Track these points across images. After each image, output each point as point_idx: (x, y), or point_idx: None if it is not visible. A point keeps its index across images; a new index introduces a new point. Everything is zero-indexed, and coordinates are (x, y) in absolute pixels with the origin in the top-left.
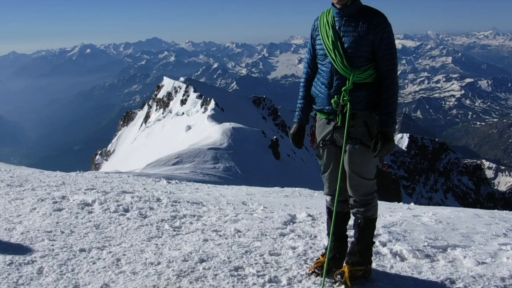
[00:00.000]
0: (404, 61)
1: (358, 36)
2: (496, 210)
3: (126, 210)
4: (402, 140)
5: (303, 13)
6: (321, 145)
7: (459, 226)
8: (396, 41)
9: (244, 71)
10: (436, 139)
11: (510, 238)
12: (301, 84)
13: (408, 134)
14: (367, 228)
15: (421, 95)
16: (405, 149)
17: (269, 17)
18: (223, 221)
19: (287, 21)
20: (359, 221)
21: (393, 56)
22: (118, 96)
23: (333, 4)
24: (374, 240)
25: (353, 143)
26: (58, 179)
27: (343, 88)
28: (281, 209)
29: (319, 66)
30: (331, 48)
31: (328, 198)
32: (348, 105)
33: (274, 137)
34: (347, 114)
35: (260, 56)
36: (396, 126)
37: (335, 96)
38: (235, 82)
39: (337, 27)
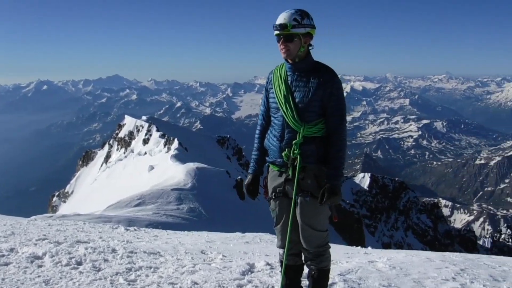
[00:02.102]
0: (364, 103)
1: (308, 91)
2: (447, 253)
3: (79, 263)
4: (364, 179)
5: (267, 54)
6: (273, 197)
7: (412, 271)
8: (357, 83)
9: (208, 111)
10: (396, 179)
11: (458, 282)
12: (256, 135)
13: (369, 174)
14: (320, 279)
15: (381, 135)
16: (367, 188)
17: (233, 57)
18: (180, 272)
19: (251, 61)
20: (313, 272)
21: (342, 112)
22: (77, 135)
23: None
24: None
25: (304, 195)
26: (8, 228)
27: (293, 142)
28: (240, 257)
29: (272, 119)
30: (283, 101)
31: (281, 251)
32: (298, 158)
33: (239, 177)
34: (297, 167)
35: (224, 96)
36: (358, 166)
37: (286, 149)
38: (198, 122)
39: (289, 81)
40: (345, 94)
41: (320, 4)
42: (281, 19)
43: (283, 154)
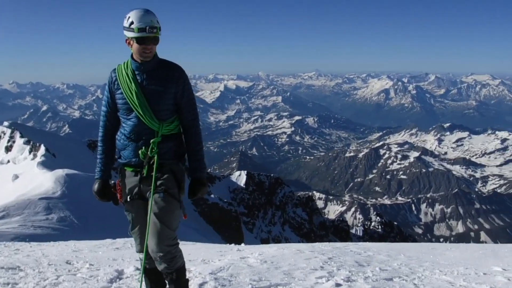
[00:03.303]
0: (238, 101)
1: (162, 90)
2: (316, 243)
3: None
4: (240, 177)
5: None
6: (129, 199)
7: (282, 264)
8: (230, 82)
9: (77, 114)
10: (272, 175)
11: (326, 271)
12: (100, 138)
13: (245, 171)
14: (179, 278)
15: (255, 133)
16: (244, 186)
17: (101, 56)
18: (42, 286)
19: (119, 60)
20: (170, 276)
21: (195, 106)
22: None
23: (132, 57)
24: None
25: (159, 191)
26: None
27: (152, 141)
28: (108, 265)
29: (122, 120)
30: (137, 103)
31: (142, 255)
32: (156, 156)
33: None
34: (155, 166)
35: (94, 98)
36: (234, 164)
37: (143, 147)
38: (67, 125)
39: (139, 81)
40: (219, 93)
41: (188, 2)
42: (148, 21)
43: (140, 152)
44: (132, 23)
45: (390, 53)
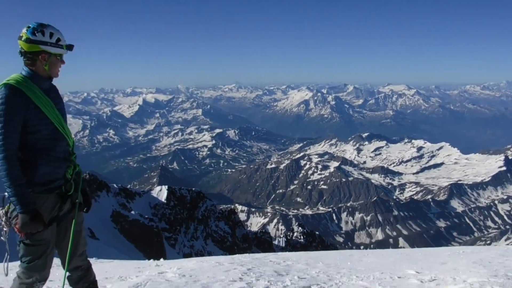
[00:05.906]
0: (158, 115)
1: (64, 108)
2: (236, 255)
3: None
4: (161, 192)
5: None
6: (48, 225)
7: (201, 277)
8: (149, 95)
9: None
10: (193, 189)
11: (245, 282)
12: (14, 167)
13: (166, 186)
14: None
15: (176, 147)
16: (165, 201)
17: None
18: None
19: None
20: None
21: None
22: None
23: (38, 74)
24: None
25: (81, 207)
26: None
27: (73, 157)
28: None
29: (42, 142)
30: (62, 122)
31: (41, 284)
32: (80, 170)
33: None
34: (81, 178)
35: None
36: (155, 179)
37: (72, 166)
38: None
39: (52, 100)
40: (137, 107)
41: (100, 12)
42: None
43: (67, 171)
44: (59, 39)
45: (310, 64)
